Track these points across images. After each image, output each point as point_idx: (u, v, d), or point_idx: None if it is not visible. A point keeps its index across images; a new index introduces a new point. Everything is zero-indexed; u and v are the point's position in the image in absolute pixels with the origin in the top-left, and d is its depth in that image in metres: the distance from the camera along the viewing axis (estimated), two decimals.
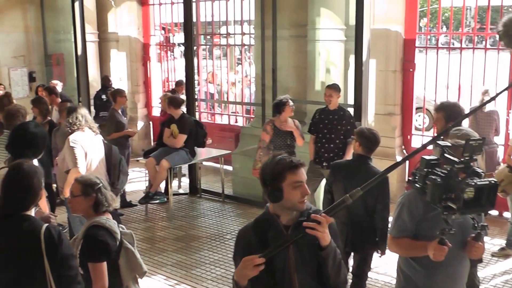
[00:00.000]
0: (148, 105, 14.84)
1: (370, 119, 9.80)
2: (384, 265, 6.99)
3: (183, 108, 10.08)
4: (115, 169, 7.11)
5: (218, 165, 11.06)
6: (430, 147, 4.47)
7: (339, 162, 7.01)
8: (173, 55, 14.82)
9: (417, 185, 3.59)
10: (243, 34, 12.38)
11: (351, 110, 8.72)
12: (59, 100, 10.69)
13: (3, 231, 3.78)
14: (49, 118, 9.28)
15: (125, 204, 10.24)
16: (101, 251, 4.23)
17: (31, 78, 14.53)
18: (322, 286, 3.49)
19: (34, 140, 5.05)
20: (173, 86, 13.01)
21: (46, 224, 3.75)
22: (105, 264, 4.22)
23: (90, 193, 4.35)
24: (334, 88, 8.53)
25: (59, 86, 12.49)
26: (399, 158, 9.65)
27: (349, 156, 8.39)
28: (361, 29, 8.50)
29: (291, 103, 8.58)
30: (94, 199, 4.35)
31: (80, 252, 4.29)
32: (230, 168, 11.25)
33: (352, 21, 8.89)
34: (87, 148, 6.82)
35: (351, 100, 9.14)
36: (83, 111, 7.04)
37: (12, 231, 3.74)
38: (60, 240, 3.69)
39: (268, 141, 8.60)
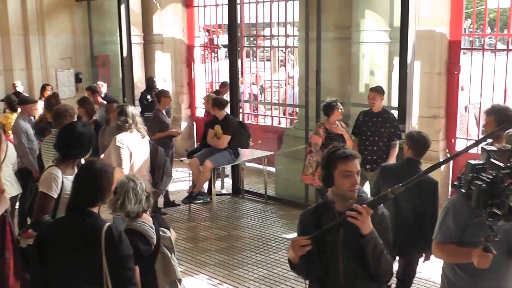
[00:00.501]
0: (192, 106, 14.94)
1: (414, 122, 9.72)
2: (428, 271, 6.96)
3: (227, 109, 10.13)
4: (159, 170, 7.17)
5: (261, 166, 11.10)
6: (473, 150, 4.41)
7: (388, 165, 7.00)
8: (217, 56, 14.88)
9: (462, 190, 3.57)
10: (287, 36, 12.39)
11: (395, 113, 8.69)
12: (100, 99, 10.86)
13: (67, 225, 3.85)
14: (94, 117, 9.40)
15: (169, 203, 10.35)
16: (130, 255, 4.26)
17: (78, 79, 14.75)
18: (365, 271, 3.72)
19: (81, 140, 5.10)
20: (217, 87, 13.09)
21: (108, 223, 3.79)
22: (135, 268, 4.25)
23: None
24: (377, 90, 8.51)
25: (104, 87, 12.67)
26: None
27: (392, 159, 8.37)
28: (406, 31, 8.44)
29: (340, 105, 8.58)
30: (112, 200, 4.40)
31: None
32: (272, 169, 11.27)
33: (397, 22, 8.85)
34: (132, 148, 6.89)
35: (395, 103, 9.10)
36: (133, 112, 7.09)
37: (75, 225, 3.80)
38: (120, 240, 3.74)
39: (321, 144, 8.58)
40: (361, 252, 3.65)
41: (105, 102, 11.30)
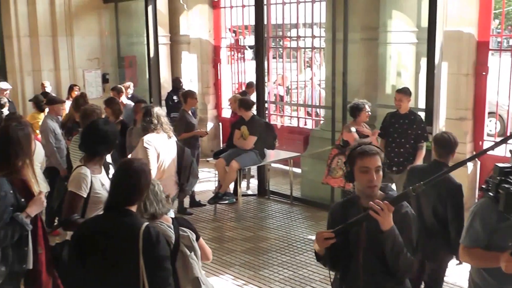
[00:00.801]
0: (218, 106, 14.99)
1: (441, 124, 9.65)
2: (455, 275, 6.90)
3: (253, 110, 10.14)
4: (185, 171, 7.18)
5: (286, 167, 11.10)
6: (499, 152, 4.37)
7: (416, 166, 6.97)
8: (243, 57, 14.90)
9: (490, 193, 3.55)
10: (313, 37, 12.38)
11: (422, 114, 8.63)
12: (126, 99, 10.91)
13: (105, 223, 3.87)
14: (121, 118, 9.46)
15: (194, 203, 10.39)
16: None
17: (105, 80, 14.84)
18: (385, 267, 3.80)
19: (105, 137, 5.14)
20: (243, 88, 13.11)
21: (146, 223, 3.79)
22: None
23: None
24: (404, 92, 8.46)
25: (130, 88, 12.76)
26: (470, 165, 9.49)
27: (419, 161, 8.32)
28: (434, 31, 8.36)
29: (367, 108, 8.56)
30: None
31: None
32: (298, 170, 11.27)
33: (425, 23, 8.78)
34: (160, 149, 6.92)
35: (422, 104, 9.03)
36: (158, 113, 7.10)
37: (113, 224, 3.81)
38: (157, 240, 3.73)
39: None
40: (381, 248, 3.73)
41: (130, 103, 11.38)
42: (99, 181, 5.06)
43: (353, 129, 8.54)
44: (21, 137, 4.52)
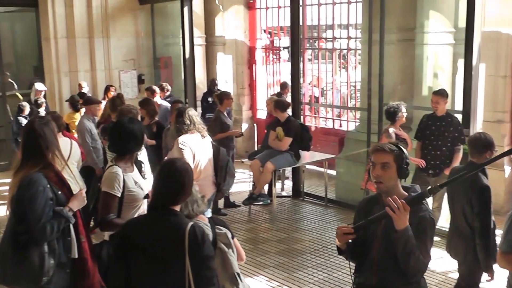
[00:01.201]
0: (253, 107, 15.00)
1: (478, 126, 9.51)
2: (492, 281, 6.78)
3: (288, 111, 10.12)
4: (221, 171, 7.18)
5: (321, 169, 11.05)
6: None
7: (455, 167, 6.89)
8: (279, 58, 14.88)
9: None
10: (349, 38, 12.32)
11: (459, 117, 8.51)
12: (160, 100, 10.96)
13: (150, 223, 3.90)
14: (156, 118, 9.51)
15: (229, 204, 10.41)
16: None
17: (140, 80, 14.93)
18: (397, 265, 3.81)
19: (132, 135, 5.17)
20: (278, 89, 13.10)
21: (192, 223, 3.81)
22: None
23: None
24: (440, 94, 8.35)
25: (167, 88, 12.83)
26: (507, 169, 9.35)
27: (456, 164, 8.20)
28: (472, 32, 8.24)
29: (404, 110, 8.48)
30: None
31: None
32: (333, 172, 11.21)
33: (462, 23, 8.66)
34: (195, 149, 6.93)
35: (459, 106, 8.92)
36: (191, 113, 7.08)
37: (159, 223, 3.84)
38: (203, 240, 3.77)
39: None
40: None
41: (165, 103, 11.43)
42: (131, 179, 5.09)
43: (391, 129, 8.45)
44: (47, 131, 4.57)
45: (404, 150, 3.98)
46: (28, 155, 4.53)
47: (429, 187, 3.71)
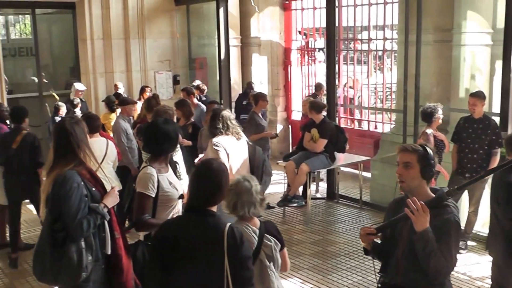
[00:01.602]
0: (287, 108, 14.97)
1: None
2: None
3: (324, 113, 10.07)
4: (258, 170, 7.13)
5: (356, 171, 10.97)
6: None
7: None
8: (314, 59, 14.83)
9: None
10: (384, 39, 12.23)
11: (496, 119, 8.39)
12: (196, 101, 10.99)
13: (188, 224, 3.88)
14: (192, 119, 9.52)
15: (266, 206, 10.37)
16: None
17: (175, 81, 15.02)
18: (420, 266, 3.82)
19: (167, 136, 5.19)
20: (313, 90, 13.05)
21: (229, 224, 3.80)
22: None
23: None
24: (478, 96, 8.23)
25: (204, 88, 12.87)
26: None
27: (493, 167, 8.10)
28: (511, 33, 8.10)
29: (440, 112, 8.38)
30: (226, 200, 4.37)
31: None
32: (368, 174, 11.13)
33: (501, 24, 8.53)
34: (229, 150, 6.90)
35: (496, 109, 8.79)
36: (226, 115, 7.04)
37: (198, 224, 3.82)
38: (241, 241, 3.74)
39: None
40: None
41: (202, 104, 11.46)
42: (166, 179, 5.11)
43: (429, 131, 8.36)
44: (77, 130, 4.61)
45: (430, 151, 3.98)
46: (60, 154, 4.58)
47: (447, 189, 3.80)
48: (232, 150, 6.93)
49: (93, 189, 4.58)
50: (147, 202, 4.95)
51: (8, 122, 9.14)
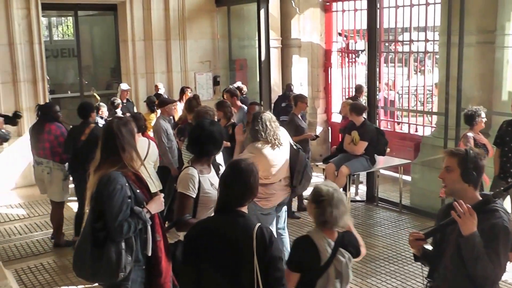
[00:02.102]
0: (327, 110, 14.90)
1: None
2: None
3: (364, 115, 10.00)
4: (298, 174, 7.05)
5: (396, 174, 10.87)
6: None
7: None
8: (354, 61, 14.74)
9: None
10: (426, 41, 12.09)
11: None
12: (239, 103, 10.99)
13: (218, 224, 3.92)
14: (232, 120, 9.53)
15: (302, 208, 10.32)
16: (295, 262, 4.30)
17: (215, 82, 15.09)
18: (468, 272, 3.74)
19: (211, 137, 5.20)
20: (353, 92, 12.97)
21: (259, 224, 3.82)
22: (296, 275, 4.28)
23: (312, 202, 4.38)
24: None
25: (244, 89, 12.88)
26: None
27: None
28: None
29: (483, 115, 8.25)
30: (313, 209, 4.36)
31: None
32: (408, 178, 11.01)
33: None
34: (267, 154, 6.83)
35: None
36: (266, 119, 6.86)
37: (228, 225, 3.86)
38: (270, 241, 3.76)
39: None
40: None
41: (243, 106, 11.45)
42: (208, 180, 5.12)
43: (470, 134, 8.24)
44: (124, 131, 4.62)
45: (472, 155, 3.92)
46: (106, 155, 4.61)
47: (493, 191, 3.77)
48: (270, 154, 6.82)
49: (138, 191, 4.60)
50: (188, 202, 4.98)
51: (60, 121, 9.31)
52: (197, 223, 4.28)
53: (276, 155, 6.86)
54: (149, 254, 4.61)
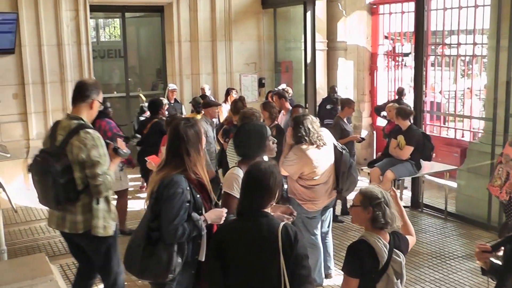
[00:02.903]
0: (373, 114, 14.76)
1: None
2: None
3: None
4: (343, 176, 7.04)
5: (441, 181, 10.70)
6: None
7: None
8: (400, 65, 14.56)
9: None
10: (474, 44, 11.88)
11: None
12: (288, 105, 10.93)
13: (243, 226, 3.97)
14: (276, 122, 9.50)
15: (346, 212, 10.23)
16: (354, 268, 4.25)
17: (261, 84, 15.08)
18: None
19: (256, 138, 5.21)
20: (396, 96, 12.83)
21: (283, 223, 3.88)
22: (355, 281, 4.24)
23: (367, 206, 4.31)
24: None
25: (289, 92, 12.85)
26: None
27: None
28: None
29: None
30: (372, 213, 4.29)
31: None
32: (454, 184, 10.82)
33: None
34: (312, 157, 6.83)
35: None
36: (307, 122, 6.90)
37: (251, 226, 3.91)
38: (296, 239, 3.81)
39: None
40: None
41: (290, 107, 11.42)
42: None
43: None
44: (191, 134, 4.61)
45: None
46: (171, 156, 4.62)
47: None
48: (315, 157, 6.83)
49: (198, 195, 4.57)
50: (232, 202, 4.98)
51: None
52: (223, 225, 4.34)
53: (322, 155, 6.91)
54: (202, 259, 4.57)
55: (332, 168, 7.05)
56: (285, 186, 7.05)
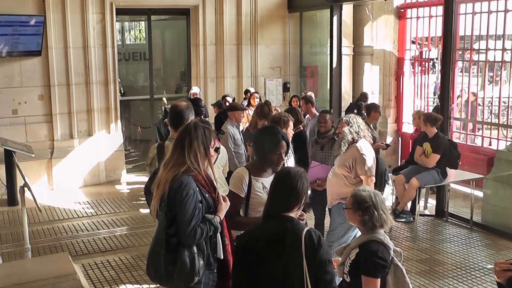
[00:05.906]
0: (398, 120, 14.63)
1: None
2: None
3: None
4: (381, 179, 7.09)
5: (468, 189, 10.54)
6: None
7: None
8: (427, 70, 14.40)
9: None
10: (504, 50, 11.71)
11: None
12: (315, 110, 10.85)
13: (267, 230, 4.00)
14: (300, 127, 9.41)
15: None
16: (380, 267, 4.31)
17: (285, 88, 15.02)
18: None
19: (265, 143, 5.24)
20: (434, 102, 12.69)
21: (308, 228, 3.91)
22: (379, 280, 4.30)
23: (356, 210, 4.47)
24: None
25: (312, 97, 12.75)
26: None
27: None
28: None
29: None
30: (361, 216, 4.42)
31: (352, 261, 4.42)
32: (480, 193, 10.64)
33: None
34: (371, 149, 6.97)
35: None
36: (355, 120, 7.12)
37: (275, 230, 3.93)
38: (319, 244, 3.84)
39: None
40: None
41: (318, 114, 11.33)
42: (261, 183, 5.19)
43: None
44: (200, 132, 4.60)
45: None
46: (177, 152, 4.58)
47: None
48: (370, 155, 6.95)
49: (207, 195, 4.56)
50: (237, 201, 5.11)
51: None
52: (249, 229, 4.32)
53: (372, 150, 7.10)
54: (221, 257, 4.61)
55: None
56: (309, 192, 7.01)
